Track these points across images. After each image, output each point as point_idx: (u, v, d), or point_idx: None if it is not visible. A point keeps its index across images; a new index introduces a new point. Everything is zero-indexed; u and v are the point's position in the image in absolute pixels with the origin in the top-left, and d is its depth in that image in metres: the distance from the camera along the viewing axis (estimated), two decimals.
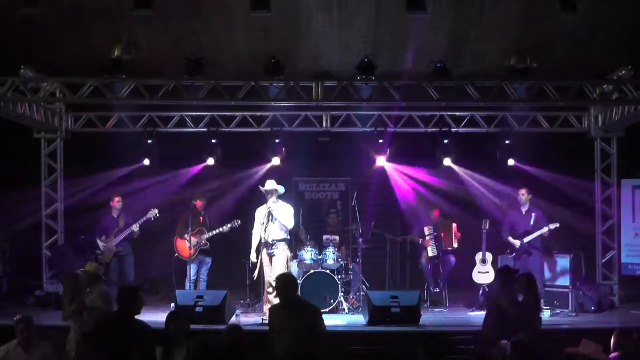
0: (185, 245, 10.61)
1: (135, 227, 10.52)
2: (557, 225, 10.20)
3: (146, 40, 10.28)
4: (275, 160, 11.60)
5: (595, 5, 9.80)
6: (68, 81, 10.03)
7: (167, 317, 6.31)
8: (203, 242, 10.55)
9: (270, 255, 9.33)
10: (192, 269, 10.57)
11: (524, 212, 10.47)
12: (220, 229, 10.52)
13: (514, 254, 10.34)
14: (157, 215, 10.58)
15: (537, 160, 11.81)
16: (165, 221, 11.08)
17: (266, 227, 9.33)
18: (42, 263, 11.41)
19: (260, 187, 9.55)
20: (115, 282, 10.42)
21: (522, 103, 10.51)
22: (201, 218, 10.72)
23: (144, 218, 10.55)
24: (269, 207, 9.37)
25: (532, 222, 10.31)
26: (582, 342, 5.32)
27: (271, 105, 10.72)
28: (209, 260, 10.77)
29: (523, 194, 10.49)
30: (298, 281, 10.01)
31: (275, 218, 9.34)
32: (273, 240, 9.31)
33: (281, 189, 9.51)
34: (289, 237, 9.60)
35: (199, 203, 10.74)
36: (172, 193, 12.16)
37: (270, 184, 9.47)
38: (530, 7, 9.89)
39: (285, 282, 6.46)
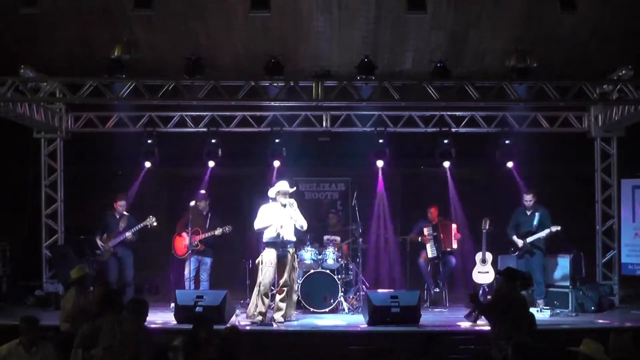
0: (181, 243, 10.68)
1: (129, 234, 10.54)
2: (559, 228, 10.15)
3: (146, 40, 10.29)
4: (276, 163, 11.54)
5: (595, 5, 9.80)
6: (68, 81, 10.01)
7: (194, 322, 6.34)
8: (195, 242, 10.53)
9: (280, 257, 9.29)
10: (187, 268, 10.54)
11: (528, 214, 10.45)
12: (213, 232, 10.53)
13: (517, 253, 10.34)
14: (155, 223, 10.58)
15: (537, 160, 11.80)
16: (166, 220, 11.08)
17: (282, 227, 9.28)
18: (42, 263, 11.39)
19: (277, 188, 9.46)
20: (113, 284, 10.42)
21: (522, 103, 10.51)
22: (201, 219, 10.69)
23: (140, 225, 10.56)
24: (288, 206, 9.34)
25: (535, 223, 10.30)
26: (583, 341, 5.31)
27: (271, 105, 10.70)
28: (207, 260, 10.73)
29: (530, 200, 10.40)
30: (298, 282, 10.08)
31: (291, 218, 9.35)
32: (287, 241, 9.30)
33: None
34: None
35: (198, 203, 10.71)
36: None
37: (287, 185, 9.46)
38: (530, 7, 9.89)
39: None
